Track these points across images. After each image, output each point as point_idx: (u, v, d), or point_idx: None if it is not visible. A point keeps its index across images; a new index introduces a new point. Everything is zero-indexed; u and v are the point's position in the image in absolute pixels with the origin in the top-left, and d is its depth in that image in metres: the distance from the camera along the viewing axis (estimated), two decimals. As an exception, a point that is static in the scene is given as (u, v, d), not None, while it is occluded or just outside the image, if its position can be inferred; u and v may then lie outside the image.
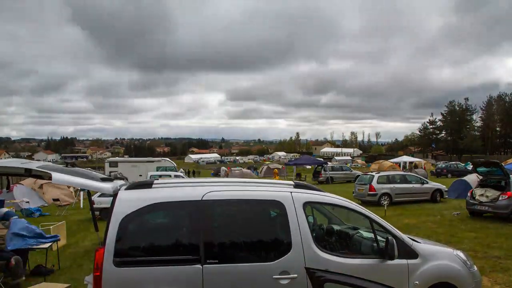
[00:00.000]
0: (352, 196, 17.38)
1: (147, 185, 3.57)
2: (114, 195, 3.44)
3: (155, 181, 3.65)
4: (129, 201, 3.37)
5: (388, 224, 4.07)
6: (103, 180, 3.53)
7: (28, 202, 16.38)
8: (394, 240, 3.70)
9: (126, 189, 3.52)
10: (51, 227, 8.90)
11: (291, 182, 4.04)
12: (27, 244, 6.53)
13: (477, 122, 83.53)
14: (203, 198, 3.48)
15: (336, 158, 76.93)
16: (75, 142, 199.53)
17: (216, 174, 51.41)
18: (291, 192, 3.76)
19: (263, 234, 3.65)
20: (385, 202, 15.16)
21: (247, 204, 3.65)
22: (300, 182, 4.08)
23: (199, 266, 3.31)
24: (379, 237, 3.91)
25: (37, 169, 3.28)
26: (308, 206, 3.93)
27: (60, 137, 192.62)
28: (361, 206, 4.13)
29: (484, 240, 9.06)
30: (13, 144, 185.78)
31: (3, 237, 6.33)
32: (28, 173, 3.35)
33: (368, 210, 4.10)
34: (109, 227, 3.25)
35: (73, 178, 3.32)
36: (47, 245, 6.85)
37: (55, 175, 3.18)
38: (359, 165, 64.47)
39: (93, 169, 55.24)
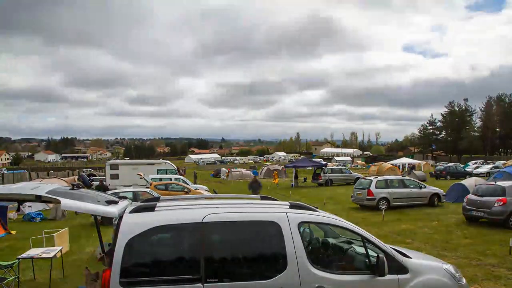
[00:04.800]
0: (351, 200, 17.63)
1: (150, 208, 3.76)
2: (119, 218, 3.64)
3: (158, 204, 3.85)
4: (133, 224, 3.56)
5: (380, 241, 4.27)
6: (109, 203, 3.72)
7: (30, 206, 16.55)
8: (384, 258, 3.90)
9: (130, 212, 3.71)
10: (54, 234, 9.06)
11: (287, 203, 4.23)
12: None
13: (476, 122, 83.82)
14: (203, 220, 3.68)
15: (336, 158, 77.08)
16: (75, 142, 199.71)
17: (216, 175, 51.50)
18: (286, 213, 3.96)
19: (260, 253, 3.84)
20: (383, 207, 15.39)
21: (245, 225, 3.84)
22: (295, 202, 4.28)
23: (200, 285, 3.50)
24: (371, 252, 4.12)
25: (46, 195, 3.47)
26: (303, 225, 4.13)
27: (60, 137, 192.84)
28: (353, 224, 4.33)
29: (479, 247, 9.24)
30: (13, 144, 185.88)
31: None
32: (39, 199, 3.54)
33: (360, 228, 4.30)
34: (115, 249, 3.44)
35: (81, 204, 3.51)
36: (51, 255, 7.04)
37: (64, 202, 3.37)
38: (358, 166, 64.60)
39: (93, 169, 55.34)
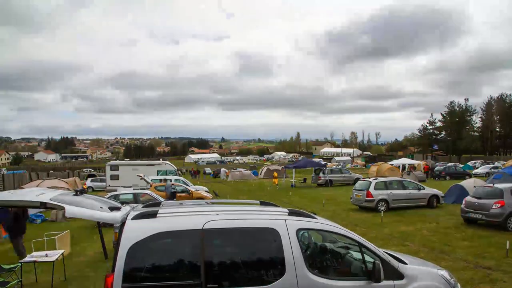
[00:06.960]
0: (350, 201, 17.72)
1: (152, 215, 3.86)
2: (122, 224, 3.73)
3: (159, 211, 3.94)
4: (136, 230, 3.66)
5: (376, 247, 4.35)
6: (112, 209, 3.81)
7: (31, 207, 16.60)
8: (380, 265, 3.99)
9: (132, 219, 3.80)
10: (56, 237, 9.15)
11: (286, 210, 4.32)
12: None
13: (476, 122, 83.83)
14: (204, 227, 3.77)
15: (336, 158, 77.06)
16: (75, 142, 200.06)
17: (216, 175, 51.61)
18: (285, 220, 4.05)
19: (259, 260, 3.93)
20: (382, 208, 15.47)
21: (245, 231, 3.94)
22: (294, 209, 4.37)
23: None
24: (367, 258, 4.20)
25: (51, 202, 3.56)
26: (301, 232, 4.21)
27: (60, 137, 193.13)
28: (350, 231, 4.42)
29: (477, 250, 9.32)
30: (13, 143, 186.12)
31: None
32: (43, 206, 3.63)
33: (357, 234, 4.39)
34: (117, 255, 3.54)
35: (84, 211, 3.61)
36: (53, 258, 7.12)
37: (68, 209, 3.47)
38: (358, 166, 64.64)
39: (94, 169, 55.35)
